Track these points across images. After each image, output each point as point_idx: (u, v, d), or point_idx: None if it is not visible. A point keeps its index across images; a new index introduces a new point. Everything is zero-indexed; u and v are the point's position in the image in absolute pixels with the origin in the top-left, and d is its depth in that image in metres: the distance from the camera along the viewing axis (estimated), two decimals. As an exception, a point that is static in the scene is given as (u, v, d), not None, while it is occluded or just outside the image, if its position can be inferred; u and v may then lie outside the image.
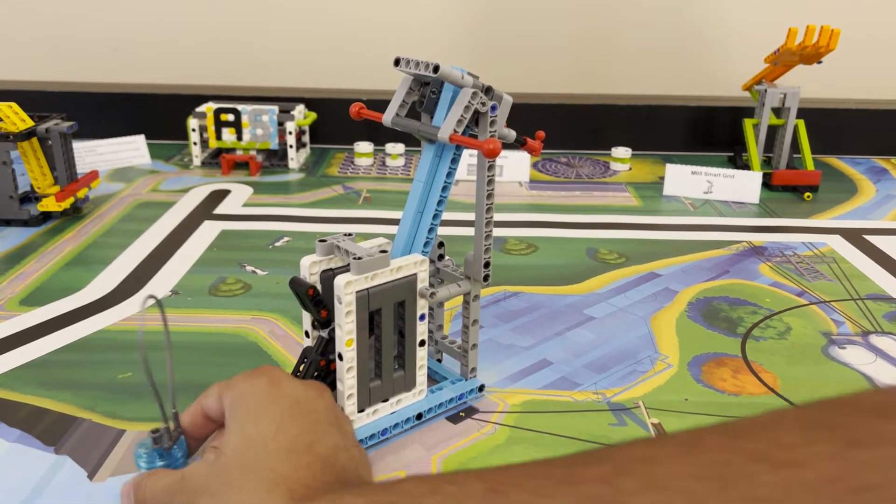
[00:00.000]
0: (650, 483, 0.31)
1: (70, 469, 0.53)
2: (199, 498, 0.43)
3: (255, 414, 0.45)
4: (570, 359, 0.68)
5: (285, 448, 0.43)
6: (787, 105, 1.17)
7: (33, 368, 0.65)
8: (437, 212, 0.56)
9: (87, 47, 1.43)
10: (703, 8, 1.40)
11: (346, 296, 0.50)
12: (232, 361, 0.67)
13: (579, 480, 0.32)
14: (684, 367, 0.67)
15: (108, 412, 0.59)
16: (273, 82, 1.42)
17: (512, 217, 1.04)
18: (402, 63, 0.53)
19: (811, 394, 0.63)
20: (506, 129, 0.59)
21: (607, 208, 1.08)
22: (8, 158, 0.93)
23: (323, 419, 0.46)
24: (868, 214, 1.07)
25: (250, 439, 0.44)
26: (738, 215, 1.06)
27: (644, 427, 0.58)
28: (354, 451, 0.47)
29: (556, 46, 1.42)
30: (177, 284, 0.82)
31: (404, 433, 0.57)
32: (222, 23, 1.41)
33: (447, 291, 0.57)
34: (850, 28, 1.15)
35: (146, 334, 0.70)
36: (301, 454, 0.43)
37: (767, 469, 0.29)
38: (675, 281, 0.84)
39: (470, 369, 0.61)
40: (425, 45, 1.41)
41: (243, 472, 0.42)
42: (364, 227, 0.99)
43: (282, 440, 0.43)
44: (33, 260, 0.87)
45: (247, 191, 1.12)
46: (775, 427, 0.31)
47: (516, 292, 0.81)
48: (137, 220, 0.99)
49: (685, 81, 1.44)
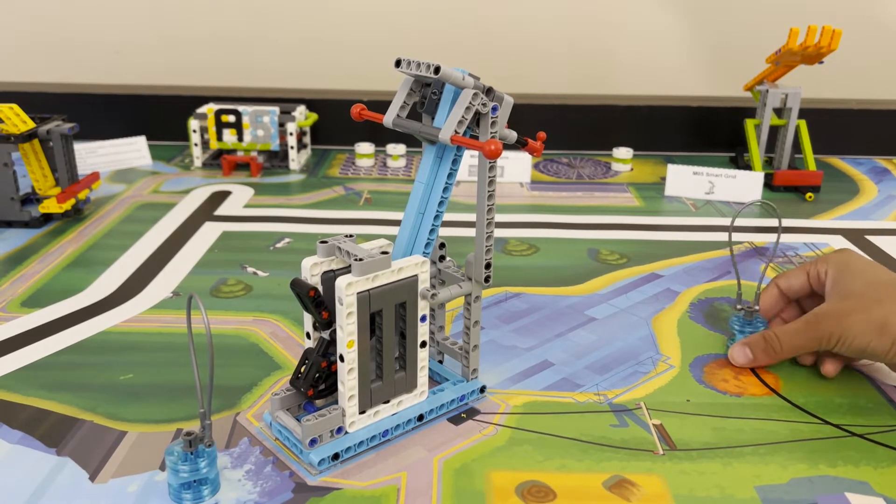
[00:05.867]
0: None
1: (71, 470, 0.53)
2: (848, 317, 0.61)
3: (864, 270, 0.64)
4: (572, 360, 0.68)
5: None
6: (789, 105, 1.17)
7: (35, 370, 0.65)
8: (439, 213, 0.55)
9: (88, 49, 1.43)
10: (704, 8, 1.40)
11: (348, 297, 0.50)
12: (233, 363, 0.67)
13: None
14: (686, 368, 0.67)
15: (109, 414, 0.59)
16: (274, 83, 1.42)
17: (513, 218, 1.04)
18: (403, 64, 0.53)
19: (812, 395, 0.63)
20: (507, 129, 0.59)
21: (608, 209, 1.08)
22: (9, 160, 0.93)
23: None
24: (870, 215, 1.07)
25: (877, 280, 0.63)
26: (739, 216, 1.06)
27: (646, 428, 0.58)
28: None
29: (557, 47, 1.42)
30: (178, 286, 0.82)
31: (406, 434, 0.57)
32: (223, 24, 1.41)
33: (448, 293, 0.57)
34: (852, 28, 1.15)
35: (156, 335, 0.70)
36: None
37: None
38: (676, 282, 0.84)
39: (471, 370, 0.61)
40: (426, 46, 1.41)
41: (886, 294, 0.61)
42: (365, 228, 0.99)
43: (892, 277, 0.63)
44: (34, 261, 0.87)
45: (248, 192, 1.12)
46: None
47: (517, 293, 0.81)
48: (138, 222, 0.99)
49: (686, 82, 1.44)
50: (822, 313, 0.63)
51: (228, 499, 0.50)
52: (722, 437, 0.57)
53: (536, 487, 0.52)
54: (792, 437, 0.58)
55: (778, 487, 0.52)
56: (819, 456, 0.56)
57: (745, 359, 0.66)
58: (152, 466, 0.53)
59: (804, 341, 0.63)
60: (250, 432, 0.57)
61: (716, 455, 0.55)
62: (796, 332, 0.63)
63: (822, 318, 0.62)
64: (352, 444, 0.53)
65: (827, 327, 0.62)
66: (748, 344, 0.66)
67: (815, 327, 0.62)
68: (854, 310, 0.61)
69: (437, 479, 0.52)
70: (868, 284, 0.62)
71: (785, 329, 0.64)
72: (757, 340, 0.65)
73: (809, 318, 0.63)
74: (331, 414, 0.53)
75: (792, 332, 0.64)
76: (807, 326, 0.63)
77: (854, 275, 0.64)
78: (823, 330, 0.62)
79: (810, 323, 0.63)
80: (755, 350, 0.65)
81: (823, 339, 0.62)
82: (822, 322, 0.62)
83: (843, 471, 0.54)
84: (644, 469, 0.54)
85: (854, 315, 0.61)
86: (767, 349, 0.65)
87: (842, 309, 0.62)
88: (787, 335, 0.64)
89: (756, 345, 0.65)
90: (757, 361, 0.66)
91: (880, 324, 0.59)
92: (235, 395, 0.62)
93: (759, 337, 0.65)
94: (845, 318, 0.61)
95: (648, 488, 0.52)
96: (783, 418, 0.60)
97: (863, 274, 0.64)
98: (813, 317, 0.63)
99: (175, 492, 0.49)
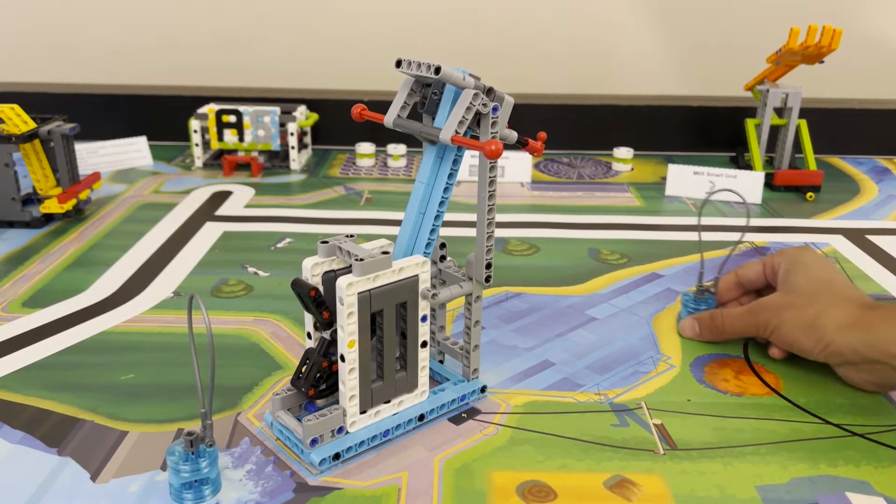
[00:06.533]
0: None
1: (73, 471, 0.53)
2: (784, 311, 0.64)
3: (812, 268, 0.67)
4: (572, 360, 0.68)
5: (841, 284, 0.65)
6: (790, 105, 1.17)
7: (36, 370, 0.65)
8: (439, 213, 0.55)
9: (88, 49, 1.43)
10: (704, 8, 1.40)
11: (348, 297, 0.50)
12: (234, 363, 0.67)
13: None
14: (686, 368, 0.67)
15: (110, 414, 0.59)
16: (275, 83, 1.42)
17: (514, 218, 1.04)
18: (404, 64, 0.53)
19: (813, 394, 0.63)
20: (507, 129, 0.59)
21: (609, 209, 1.08)
22: (10, 160, 0.93)
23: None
24: (870, 214, 1.07)
25: (819, 279, 0.65)
26: (740, 216, 1.06)
27: (646, 428, 0.58)
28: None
29: (558, 47, 1.42)
30: (179, 286, 0.82)
31: (406, 434, 0.57)
32: (224, 24, 1.41)
33: (449, 292, 0.57)
34: (852, 28, 1.15)
35: (157, 334, 0.71)
36: (851, 288, 0.65)
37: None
38: (677, 281, 0.84)
39: (472, 370, 0.61)
40: (427, 46, 1.41)
41: (823, 294, 0.63)
42: (366, 228, 0.99)
43: (840, 280, 0.66)
44: (36, 262, 0.87)
45: (248, 192, 1.12)
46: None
47: (518, 293, 0.81)
48: (139, 222, 1.00)
49: (687, 81, 1.44)
50: (764, 303, 0.67)
51: (229, 499, 0.50)
52: (722, 437, 0.58)
53: (537, 487, 0.52)
54: (793, 437, 0.58)
55: (778, 487, 0.52)
56: (820, 456, 0.56)
57: (693, 332, 0.72)
58: (153, 466, 0.53)
59: (743, 326, 0.68)
60: (251, 432, 0.57)
61: (716, 455, 0.55)
62: (739, 316, 0.68)
63: (762, 308, 0.67)
64: (353, 443, 0.54)
65: (764, 317, 0.66)
66: (697, 319, 0.71)
67: (755, 315, 0.67)
68: (791, 305, 0.65)
69: (437, 478, 0.52)
70: (810, 282, 0.66)
71: (730, 312, 0.69)
72: (705, 317, 0.71)
73: (753, 307, 0.67)
74: (332, 414, 0.53)
75: (735, 315, 0.69)
76: (749, 313, 0.67)
77: (801, 271, 0.67)
78: (761, 319, 0.66)
79: (752, 310, 0.67)
80: (702, 326, 0.71)
81: (760, 327, 0.66)
82: (761, 312, 0.66)
83: (843, 470, 0.54)
84: (645, 469, 0.54)
85: (790, 310, 0.64)
86: (712, 327, 0.70)
87: (781, 302, 0.66)
88: (731, 318, 0.69)
89: (703, 321, 0.71)
90: (702, 336, 0.71)
91: (810, 322, 0.63)
92: (236, 395, 0.62)
93: (708, 315, 0.71)
94: (782, 312, 0.65)
95: (649, 488, 0.52)
96: (784, 418, 0.60)
97: (808, 271, 0.67)
98: (756, 305, 0.67)
99: (176, 492, 0.49)
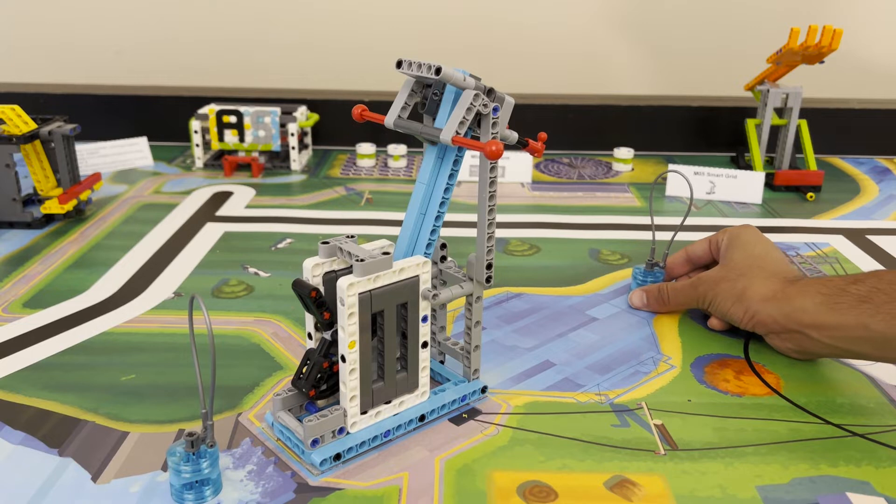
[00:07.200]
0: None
1: (74, 471, 0.53)
2: (719, 284, 0.69)
3: (748, 244, 0.71)
4: (573, 360, 0.68)
5: (774, 259, 0.70)
6: (790, 105, 1.17)
7: (37, 371, 0.66)
8: (440, 213, 0.56)
9: (89, 50, 1.43)
10: (705, 8, 1.40)
11: (349, 298, 0.50)
12: (235, 363, 0.67)
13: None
14: (687, 369, 0.67)
15: (111, 414, 0.59)
16: (275, 84, 1.42)
17: (514, 218, 1.04)
18: (405, 65, 0.53)
19: (814, 395, 0.63)
20: (508, 130, 0.59)
21: (609, 209, 1.08)
22: (11, 161, 0.94)
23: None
24: (871, 214, 1.07)
25: (752, 255, 0.70)
26: (740, 216, 1.06)
27: (647, 428, 0.58)
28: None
29: (558, 48, 1.42)
30: (180, 286, 0.82)
31: (407, 435, 0.57)
32: (224, 25, 1.41)
33: (450, 293, 0.57)
34: (853, 28, 1.15)
35: (162, 336, 0.71)
36: (780, 262, 0.70)
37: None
38: (677, 282, 0.84)
39: (473, 371, 0.61)
40: (427, 47, 1.41)
41: (752, 269, 0.68)
42: (366, 228, 0.99)
43: (772, 256, 0.70)
44: (36, 262, 0.87)
45: (249, 192, 1.12)
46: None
47: (519, 293, 0.81)
48: (140, 222, 1.00)
49: (687, 82, 1.44)
50: (703, 278, 0.72)
51: (230, 499, 0.50)
52: (723, 437, 0.58)
53: (538, 487, 0.52)
54: (793, 437, 0.58)
55: (779, 487, 0.52)
56: (820, 456, 0.56)
57: (641, 302, 0.77)
58: (154, 467, 0.53)
59: (686, 298, 0.73)
60: (252, 433, 0.57)
61: (717, 455, 0.55)
62: (682, 289, 0.74)
63: (701, 281, 0.72)
64: (353, 444, 0.54)
65: (703, 290, 0.71)
66: (646, 290, 0.77)
67: (695, 288, 0.72)
68: (724, 278, 0.70)
69: (438, 479, 0.53)
70: (744, 258, 0.70)
71: (674, 285, 0.75)
72: (652, 289, 0.76)
73: (694, 281, 0.73)
74: (332, 414, 0.53)
75: (679, 288, 0.74)
76: (690, 286, 0.73)
77: (738, 247, 0.72)
78: (700, 292, 0.71)
79: (693, 284, 0.73)
80: (649, 297, 0.76)
81: (700, 299, 0.72)
82: (700, 285, 0.72)
83: (844, 471, 0.54)
84: (645, 469, 0.54)
85: (723, 283, 0.70)
86: (659, 298, 0.75)
87: (717, 276, 0.71)
88: (675, 291, 0.74)
89: (651, 293, 0.76)
90: (649, 307, 0.76)
91: (738, 294, 0.68)
92: (237, 395, 0.62)
93: (656, 287, 0.76)
94: (717, 285, 0.70)
95: (650, 488, 0.52)
96: (784, 418, 0.60)
97: (745, 247, 0.71)
98: (697, 279, 0.72)
99: (177, 492, 0.50)
